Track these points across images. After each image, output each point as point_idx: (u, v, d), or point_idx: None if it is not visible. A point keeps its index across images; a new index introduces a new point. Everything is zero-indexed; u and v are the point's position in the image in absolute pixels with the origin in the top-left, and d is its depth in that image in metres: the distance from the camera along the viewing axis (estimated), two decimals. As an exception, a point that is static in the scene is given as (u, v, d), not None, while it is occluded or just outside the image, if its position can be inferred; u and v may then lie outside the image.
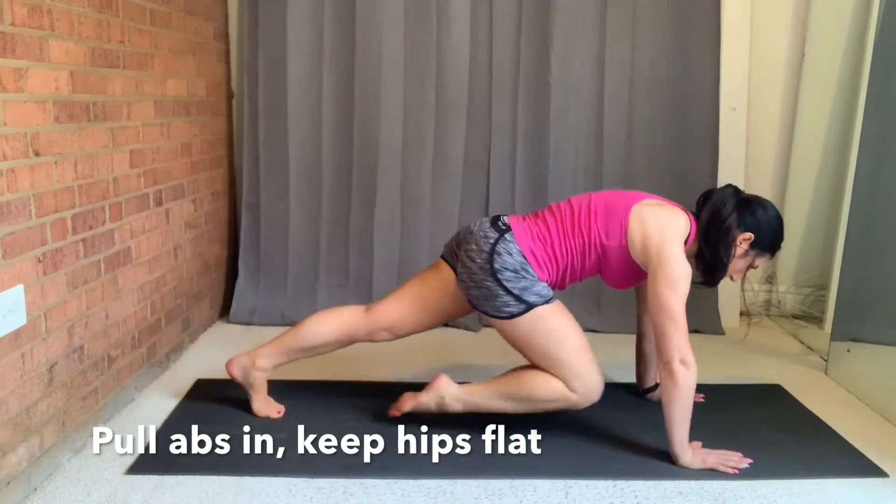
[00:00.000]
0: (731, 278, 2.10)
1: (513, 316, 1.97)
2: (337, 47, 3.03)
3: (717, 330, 3.08)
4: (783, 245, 2.13)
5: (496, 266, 1.97)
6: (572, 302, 3.10)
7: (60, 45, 1.84)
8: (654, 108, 3.09)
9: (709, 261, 2.03)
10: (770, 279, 3.35)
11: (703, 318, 3.05)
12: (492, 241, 2.00)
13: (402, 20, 3.00)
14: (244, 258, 3.17)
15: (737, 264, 2.06)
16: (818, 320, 3.15)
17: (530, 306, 1.96)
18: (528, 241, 2.01)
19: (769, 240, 2.05)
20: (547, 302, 1.98)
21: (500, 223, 2.05)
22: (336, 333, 2.16)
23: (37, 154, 1.75)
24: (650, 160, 3.11)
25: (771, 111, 3.26)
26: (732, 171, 3.16)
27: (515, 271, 1.97)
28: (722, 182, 3.09)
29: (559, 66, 3.02)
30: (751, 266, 2.10)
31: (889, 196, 2.44)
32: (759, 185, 3.27)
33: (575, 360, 1.96)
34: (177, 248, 2.61)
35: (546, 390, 1.97)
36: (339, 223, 3.11)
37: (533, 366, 2.01)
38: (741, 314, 3.26)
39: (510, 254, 1.98)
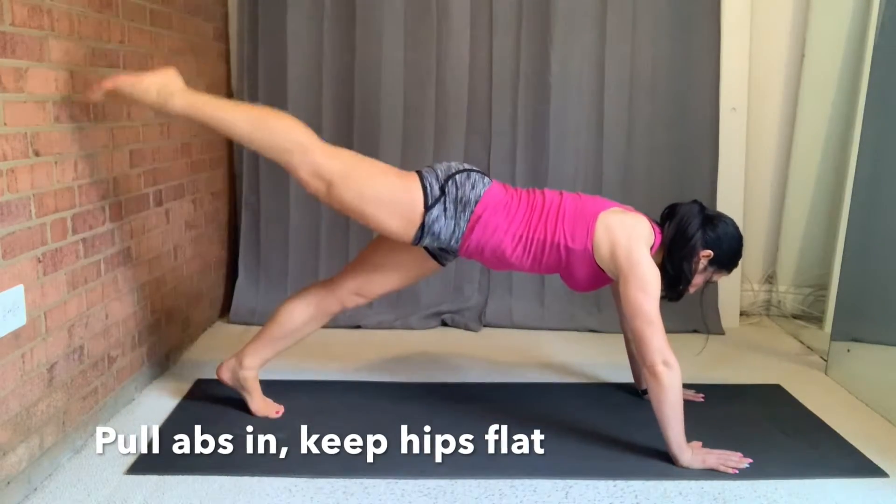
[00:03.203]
0: (689, 292, 2.10)
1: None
2: (337, 47, 3.03)
3: (717, 330, 3.08)
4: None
5: (452, 182, 1.99)
6: (572, 302, 3.12)
7: (60, 45, 1.84)
8: (654, 107, 3.09)
9: (672, 276, 2.03)
10: (770, 279, 3.35)
11: (703, 318, 3.05)
12: (467, 167, 2.02)
13: (402, 20, 3.00)
14: (244, 258, 3.17)
15: (695, 279, 2.07)
16: (818, 320, 3.15)
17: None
18: (495, 200, 2.01)
19: (728, 257, 2.07)
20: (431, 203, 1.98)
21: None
22: (310, 312, 2.15)
23: (37, 154, 1.75)
24: (650, 160, 3.11)
25: (771, 111, 3.26)
26: (732, 171, 3.16)
27: (461, 201, 1.97)
28: (722, 182, 3.11)
29: (559, 66, 3.02)
30: (709, 281, 2.12)
31: (889, 196, 2.44)
32: (759, 185, 3.28)
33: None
34: (177, 248, 2.61)
35: (288, 136, 1.99)
36: (339, 223, 3.11)
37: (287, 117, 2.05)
38: (741, 314, 3.27)
39: (473, 187, 1.99)
